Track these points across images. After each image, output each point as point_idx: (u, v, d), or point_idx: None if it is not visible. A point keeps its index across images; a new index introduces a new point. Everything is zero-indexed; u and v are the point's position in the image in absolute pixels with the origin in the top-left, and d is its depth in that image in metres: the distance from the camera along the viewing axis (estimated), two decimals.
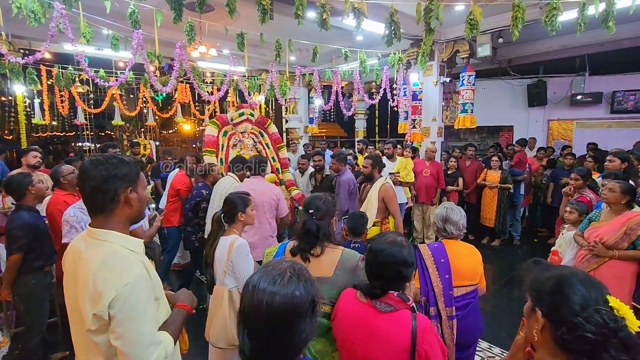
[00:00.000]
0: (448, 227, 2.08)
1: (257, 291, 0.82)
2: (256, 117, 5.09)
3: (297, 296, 0.81)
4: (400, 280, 1.35)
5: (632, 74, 7.43)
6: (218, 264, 2.15)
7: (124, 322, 1.06)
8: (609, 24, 3.61)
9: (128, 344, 1.07)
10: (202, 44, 5.26)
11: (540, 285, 0.96)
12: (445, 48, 6.20)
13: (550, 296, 0.91)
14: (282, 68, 6.65)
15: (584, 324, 0.82)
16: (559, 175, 5.63)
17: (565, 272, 0.95)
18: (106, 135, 14.67)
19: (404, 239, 1.43)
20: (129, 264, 1.12)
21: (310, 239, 1.70)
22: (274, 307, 0.79)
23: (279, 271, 0.85)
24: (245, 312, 0.83)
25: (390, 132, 9.61)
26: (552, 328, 0.90)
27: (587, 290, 0.88)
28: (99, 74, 6.32)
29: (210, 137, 4.57)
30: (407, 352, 1.24)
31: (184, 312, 1.34)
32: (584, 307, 0.85)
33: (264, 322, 0.80)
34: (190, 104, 8.62)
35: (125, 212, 1.20)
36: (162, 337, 1.17)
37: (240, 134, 4.87)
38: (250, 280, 0.86)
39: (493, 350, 3.10)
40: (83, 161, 1.21)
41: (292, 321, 0.81)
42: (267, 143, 5.17)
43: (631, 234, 2.53)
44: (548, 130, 8.53)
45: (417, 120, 6.47)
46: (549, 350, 0.91)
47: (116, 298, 1.05)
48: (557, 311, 0.89)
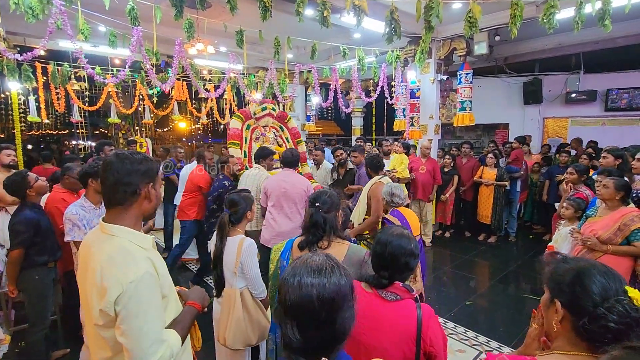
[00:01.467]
0: (394, 199, 2.88)
1: (304, 285, 0.85)
2: (277, 112, 5.21)
3: (342, 284, 0.87)
4: (407, 270, 1.40)
5: (626, 72, 7.52)
6: (226, 265, 2.12)
7: (128, 319, 1.07)
8: (606, 22, 3.66)
9: (132, 341, 1.07)
10: (199, 41, 5.25)
11: (560, 276, 0.98)
12: (443, 46, 6.23)
13: (570, 287, 0.93)
14: (280, 65, 6.65)
15: (607, 314, 0.85)
16: (554, 173, 5.70)
17: (584, 263, 0.97)
18: (101, 134, 14.54)
19: (409, 232, 1.48)
20: (135, 260, 1.12)
21: (317, 231, 1.76)
22: (326, 296, 0.84)
23: (319, 264, 0.90)
24: (294, 307, 0.85)
25: (387, 130, 9.65)
26: (573, 318, 0.92)
27: (607, 281, 0.90)
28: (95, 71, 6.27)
29: (234, 130, 4.66)
30: (413, 339, 1.28)
31: (194, 311, 1.34)
32: (604, 298, 0.88)
33: (316, 313, 0.83)
34: (187, 102, 8.58)
35: (143, 206, 1.23)
36: (168, 336, 1.17)
37: (262, 128, 4.97)
38: (289, 277, 0.88)
39: (490, 344, 3.15)
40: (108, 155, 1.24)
41: (342, 307, 0.86)
42: (287, 137, 5.25)
43: (625, 230, 2.57)
44: (543, 128, 8.61)
45: (415, 117, 6.51)
46: (568, 339, 0.94)
47: (122, 294, 1.06)
48: (577, 302, 0.91)
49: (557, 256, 1.13)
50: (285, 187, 3.26)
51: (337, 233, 1.82)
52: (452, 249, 5.72)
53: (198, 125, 14.66)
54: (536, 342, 1.11)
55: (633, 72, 7.44)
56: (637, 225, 2.54)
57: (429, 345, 1.28)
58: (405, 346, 1.29)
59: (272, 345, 1.89)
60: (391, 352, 1.29)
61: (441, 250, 5.68)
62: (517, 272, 4.83)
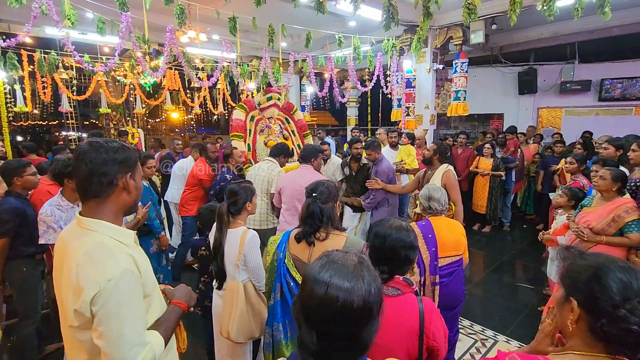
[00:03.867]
0: (432, 204, 2.36)
1: (331, 287, 0.74)
2: (283, 102, 4.92)
3: (372, 294, 0.77)
4: (407, 263, 1.38)
5: (620, 61, 7.53)
6: (228, 258, 2.07)
7: (106, 321, 1.00)
8: (605, 10, 3.62)
9: (110, 344, 1.00)
10: (191, 29, 5.11)
11: (576, 274, 0.92)
12: (439, 34, 6.16)
13: (587, 285, 0.88)
14: (274, 54, 6.53)
15: (629, 317, 0.80)
16: (548, 163, 5.72)
17: (603, 260, 0.91)
18: (91, 124, 14.27)
19: (408, 224, 1.45)
20: (114, 257, 1.04)
21: (314, 222, 1.73)
22: (352, 306, 0.74)
23: (352, 266, 0.79)
24: (314, 310, 0.76)
25: (382, 120, 9.61)
26: (590, 319, 0.87)
27: (628, 279, 0.85)
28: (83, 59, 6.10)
29: (238, 122, 4.39)
30: (415, 333, 1.26)
31: (179, 310, 1.28)
32: (625, 298, 0.82)
33: (338, 320, 0.75)
34: (180, 91, 8.42)
35: (121, 199, 1.15)
36: (150, 338, 1.10)
37: (267, 120, 4.69)
38: (318, 274, 0.78)
39: (486, 333, 3.19)
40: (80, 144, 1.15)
41: (367, 320, 0.77)
42: (292, 130, 4.98)
43: (619, 221, 2.57)
44: (537, 118, 8.63)
45: (410, 107, 6.46)
46: (584, 340, 0.89)
47: (98, 294, 0.98)
48: (595, 302, 0.86)
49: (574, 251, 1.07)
50: (301, 184, 2.84)
51: (335, 224, 1.79)
52: None
53: (191, 115, 14.44)
54: (549, 338, 1.07)
55: (627, 61, 7.45)
56: (632, 217, 2.55)
57: (432, 339, 1.26)
58: (409, 342, 1.27)
59: (269, 338, 1.87)
60: (394, 349, 1.27)
61: None
62: (511, 261, 4.88)
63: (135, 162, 1.18)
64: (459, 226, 2.42)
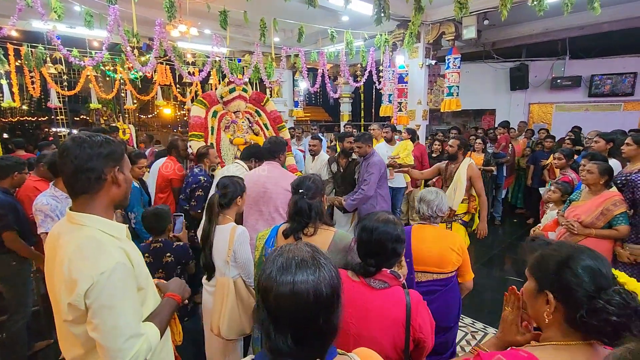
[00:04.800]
0: (421, 207, 2.11)
1: (297, 284, 0.74)
2: (250, 93, 4.39)
3: (334, 277, 0.79)
4: (394, 256, 1.38)
5: (609, 57, 7.60)
6: (218, 254, 2.05)
7: (101, 313, 1.01)
8: (595, 5, 3.65)
9: (105, 336, 1.01)
10: (182, 23, 5.04)
11: (547, 265, 0.93)
12: (432, 30, 6.16)
13: (557, 276, 0.89)
14: (267, 49, 6.48)
15: (607, 307, 0.80)
16: (538, 158, 5.79)
17: (570, 250, 0.92)
18: (82, 120, 14.07)
19: (395, 217, 1.45)
20: (106, 250, 1.05)
21: (302, 218, 1.72)
22: (322, 294, 0.74)
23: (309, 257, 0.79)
24: (285, 311, 0.74)
25: (375, 116, 9.61)
26: (566, 310, 0.88)
27: (597, 267, 0.86)
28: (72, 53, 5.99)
29: (196, 119, 3.89)
30: (402, 326, 1.27)
31: (173, 303, 1.29)
32: (599, 287, 0.83)
33: (311, 314, 0.74)
34: (172, 86, 8.33)
35: (111, 193, 1.15)
36: (145, 329, 1.11)
37: (232, 114, 4.16)
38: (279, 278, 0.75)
39: (476, 325, 3.23)
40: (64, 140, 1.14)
41: (336, 302, 0.79)
42: (265, 123, 4.46)
43: (607, 214, 2.63)
44: (529, 113, 8.70)
45: (403, 103, 6.47)
46: (561, 331, 0.90)
47: (92, 287, 0.99)
48: (570, 293, 0.86)
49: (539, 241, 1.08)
50: (266, 185, 2.57)
51: (323, 219, 1.78)
52: None
53: (184, 111, 14.32)
54: (514, 326, 1.07)
55: (616, 57, 7.53)
56: (620, 210, 2.60)
57: (418, 331, 1.28)
58: (395, 333, 1.28)
59: (257, 333, 1.87)
60: (381, 341, 1.28)
61: None
62: (501, 255, 4.94)
63: (121, 155, 1.17)
64: (453, 241, 2.00)
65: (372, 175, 3.41)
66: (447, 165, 3.70)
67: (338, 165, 4.05)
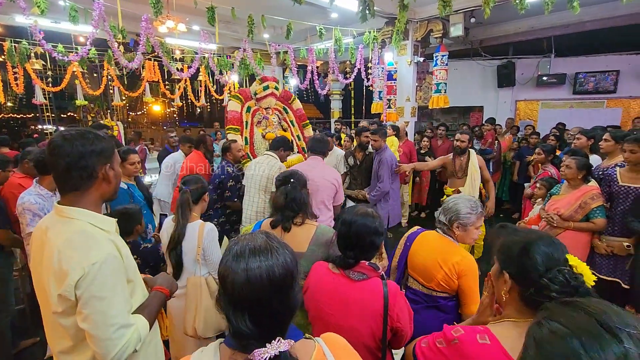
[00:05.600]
0: (440, 216, 1.84)
1: (251, 270, 0.77)
2: (280, 91, 4.59)
3: (288, 262, 0.81)
4: (372, 249, 1.41)
5: (593, 55, 7.77)
6: (187, 254, 1.99)
7: (92, 303, 1.01)
8: (574, 4, 3.74)
9: (96, 326, 1.02)
10: (169, 19, 5.00)
11: (508, 249, 1.01)
12: (419, 27, 6.22)
13: (518, 259, 0.97)
14: (256, 46, 6.47)
15: (550, 285, 0.89)
16: (524, 154, 5.90)
17: (531, 235, 1.00)
18: (69, 117, 13.85)
19: (374, 210, 1.48)
20: (97, 242, 1.06)
21: (295, 207, 1.77)
22: (276, 277, 0.77)
23: (262, 245, 0.82)
24: (241, 294, 0.77)
25: (366, 113, 9.67)
26: (520, 288, 0.96)
27: (550, 252, 0.94)
28: (57, 48, 5.89)
29: (234, 114, 4.08)
30: (380, 316, 1.31)
31: (161, 296, 1.29)
32: (548, 268, 0.92)
33: (266, 296, 0.77)
34: (160, 83, 8.25)
35: (101, 189, 1.15)
36: (135, 320, 1.12)
37: (264, 110, 4.35)
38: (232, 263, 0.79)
39: None
40: (53, 136, 1.14)
41: (291, 285, 0.81)
42: (291, 120, 4.66)
43: (585, 207, 2.71)
44: (515, 110, 8.85)
45: (392, 100, 6.53)
46: (516, 308, 0.98)
47: (83, 277, 1.00)
48: (524, 273, 0.95)
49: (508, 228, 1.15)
50: (315, 179, 2.59)
51: (310, 211, 1.83)
52: (428, 228, 5.86)
53: (173, 108, 14.19)
54: (489, 309, 1.15)
55: (599, 56, 7.70)
56: (597, 203, 2.68)
57: (396, 320, 1.31)
58: (373, 323, 1.32)
59: None
60: (360, 330, 1.32)
61: None
62: (486, 247, 5.02)
63: (112, 151, 1.18)
64: (447, 258, 1.70)
65: (385, 172, 3.62)
66: (454, 158, 3.86)
67: (355, 159, 4.18)
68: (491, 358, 0.92)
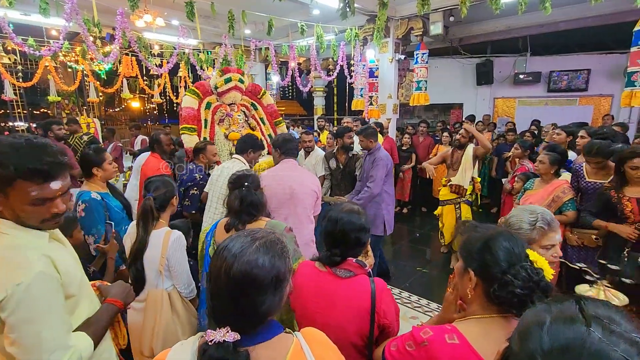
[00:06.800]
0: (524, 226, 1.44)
1: (222, 254, 0.82)
2: (246, 84, 4.12)
3: (257, 266, 0.80)
4: (359, 245, 1.41)
5: (566, 55, 8.05)
6: (150, 264, 1.79)
7: (19, 327, 0.94)
8: (546, 5, 3.86)
9: (26, 351, 0.95)
10: (147, 13, 4.88)
11: (471, 245, 1.03)
12: (400, 25, 6.28)
13: (480, 255, 0.99)
14: (238, 42, 6.39)
15: (513, 281, 0.91)
16: (501, 150, 6.07)
17: (491, 232, 1.02)
18: (42, 114, 13.31)
19: (359, 207, 1.49)
20: (25, 259, 0.98)
21: (254, 210, 1.73)
22: (232, 272, 0.79)
23: (252, 238, 0.84)
24: (211, 273, 0.83)
25: (349, 110, 9.73)
26: (484, 285, 0.98)
27: (511, 247, 0.97)
28: (27, 42, 5.65)
29: (189, 111, 3.61)
30: (367, 312, 1.31)
31: (113, 309, 1.23)
32: (510, 264, 0.94)
33: (224, 285, 0.80)
34: (138, 78, 8.04)
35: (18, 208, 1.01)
36: (75, 340, 1.04)
37: (227, 107, 3.91)
38: (223, 243, 0.85)
39: (430, 306, 3.41)
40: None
41: (250, 290, 0.80)
42: (261, 117, 4.23)
43: (558, 201, 2.83)
44: (494, 107, 9.08)
45: (374, 97, 6.58)
46: (481, 305, 1.00)
47: (6, 299, 0.92)
48: (487, 269, 0.97)
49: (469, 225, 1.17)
50: (293, 186, 2.39)
51: (267, 211, 1.81)
52: (410, 224, 5.99)
53: (153, 105, 13.84)
54: (452, 305, 1.16)
55: (572, 55, 7.99)
56: (568, 196, 2.80)
57: (383, 317, 1.31)
58: (360, 320, 1.32)
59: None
60: (347, 328, 1.32)
61: (399, 226, 5.91)
62: None
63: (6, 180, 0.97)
64: None
65: (378, 172, 3.25)
66: (452, 152, 4.05)
67: (337, 162, 3.85)
68: (459, 357, 0.92)
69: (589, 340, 0.48)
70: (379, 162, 3.28)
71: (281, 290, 0.85)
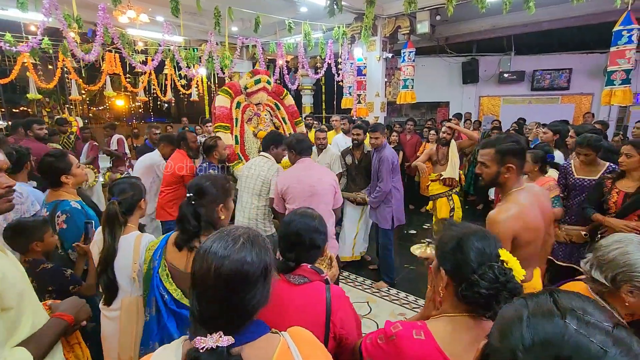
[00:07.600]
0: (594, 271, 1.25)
1: (207, 256, 0.80)
2: (272, 86, 4.28)
3: (247, 262, 0.80)
4: (313, 248, 1.35)
5: (549, 54, 8.23)
6: (121, 271, 1.69)
7: None
8: (530, 4, 3.93)
9: None
10: (131, 8, 4.78)
11: (444, 244, 1.02)
12: (388, 24, 6.31)
13: (452, 255, 0.99)
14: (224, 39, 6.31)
15: (479, 281, 0.91)
16: None
17: (466, 230, 1.02)
18: (21, 112, 12.92)
19: (313, 210, 1.45)
20: None
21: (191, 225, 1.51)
22: (222, 272, 0.78)
23: (233, 236, 0.83)
24: (195, 276, 0.81)
25: (337, 108, 9.73)
26: (455, 284, 0.98)
27: (483, 246, 0.97)
28: (4, 37, 5.46)
29: (223, 110, 3.71)
30: (322, 322, 1.23)
31: (61, 323, 1.14)
32: (480, 264, 0.94)
33: (213, 287, 0.79)
34: (121, 76, 7.86)
35: None
36: (8, 353, 0.97)
37: (255, 106, 4.04)
38: (203, 245, 0.83)
39: (418, 302, 3.45)
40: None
41: (241, 287, 0.79)
42: (283, 117, 4.37)
43: None
44: (479, 106, 9.22)
45: (362, 95, 6.60)
46: (452, 303, 1.01)
47: None
48: (458, 269, 0.97)
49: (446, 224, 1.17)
50: (313, 184, 2.49)
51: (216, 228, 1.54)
52: None
53: (138, 103, 13.58)
54: (432, 303, 1.16)
55: (554, 54, 8.17)
56: (554, 193, 2.85)
57: (339, 327, 1.23)
58: (314, 330, 1.22)
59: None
60: None
61: None
62: None
63: None
64: None
65: (385, 170, 3.47)
66: (437, 149, 4.19)
67: (353, 157, 3.99)
68: (423, 353, 0.94)
69: (567, 333, 0.49)
70: (384, 160, 3.48)
71: (269, 281, 0.86)
